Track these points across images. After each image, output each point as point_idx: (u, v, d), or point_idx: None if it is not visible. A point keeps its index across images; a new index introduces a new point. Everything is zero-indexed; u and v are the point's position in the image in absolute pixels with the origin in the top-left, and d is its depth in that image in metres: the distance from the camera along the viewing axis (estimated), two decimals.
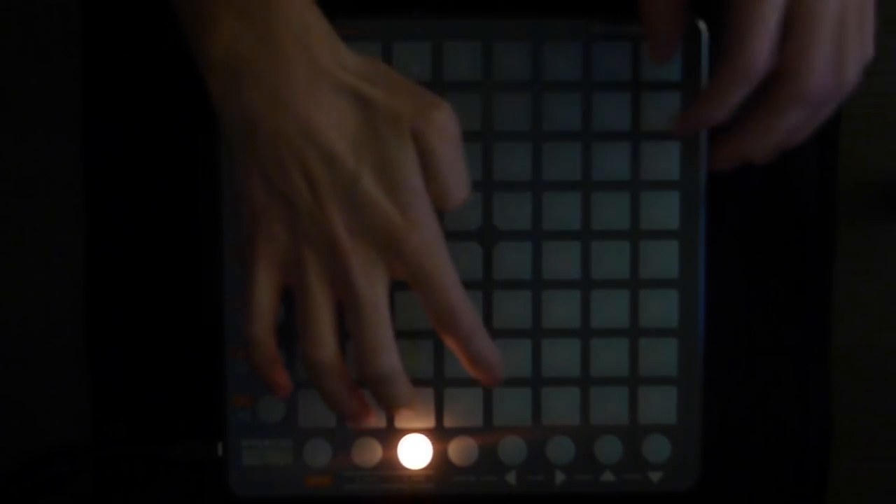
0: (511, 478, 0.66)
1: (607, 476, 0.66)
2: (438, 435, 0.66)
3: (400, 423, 0.65)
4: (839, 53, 0.56)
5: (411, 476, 0.66)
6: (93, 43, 0.67)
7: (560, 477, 0.66)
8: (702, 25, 0.63)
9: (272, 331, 0.57)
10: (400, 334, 0.64)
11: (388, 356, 0.56)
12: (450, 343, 0.58)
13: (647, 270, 0.65)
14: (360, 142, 0.54)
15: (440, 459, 0.66)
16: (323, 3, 0.59)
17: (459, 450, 0.66)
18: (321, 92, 0.53)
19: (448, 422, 0.66)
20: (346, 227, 0.54)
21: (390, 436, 0.65)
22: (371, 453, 0.65)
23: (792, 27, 0.55)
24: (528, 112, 0.64)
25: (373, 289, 0.55)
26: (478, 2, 0.65)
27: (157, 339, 0.68)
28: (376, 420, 0.62)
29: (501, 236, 0.65)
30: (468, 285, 0.64)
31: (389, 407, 0.58)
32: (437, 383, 0.65)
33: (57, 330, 0.71)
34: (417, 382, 0.65)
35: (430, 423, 0.66)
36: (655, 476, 0.66)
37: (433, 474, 0.66)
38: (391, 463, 0.66)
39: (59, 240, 0.71)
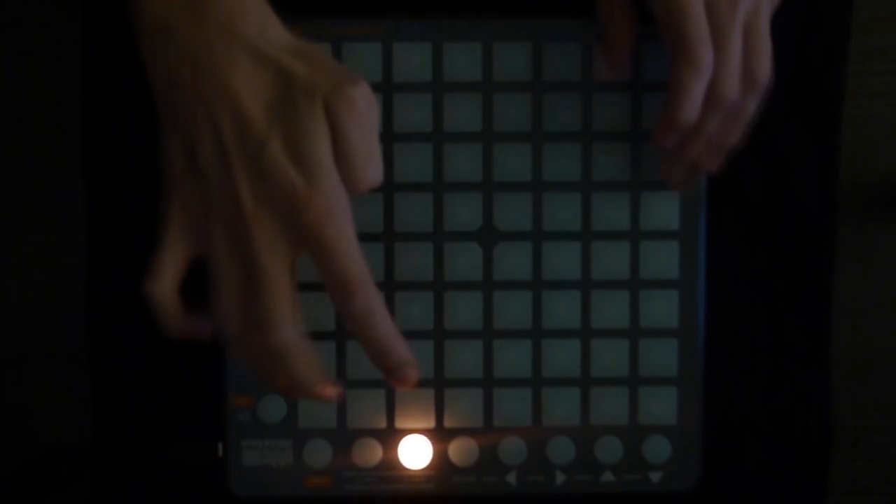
0: (511, 478, 0.66)
1: (607, 476, 0.66)
2: (439, 435, 0.66)
3: (401, 423, 0.65)
4: (749, 58, 0.59)
5: (412, 476, 0.66)
6: (93, 43, 0.67)
7: (560, 477, 0.66)
8: None
9: (174, 290, 0.58)
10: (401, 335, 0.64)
11: (285, 330, 0.55)
12: (350, 326, 0.57)
13: (648, 271, 0.65)
14: (273, 110, 0.55)
15: (440, 460, 0.66)
16: (324, 4, 0.59)
17: (460, 450, 0.66)
18: (242, 60, 0.55)
19: (448, 422, 0.66)
20: (252, 194, 0.55)
21: (391, 436, 0.65)
22: (371, 453, 0.66)
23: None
24: (528, 112, 0.64)
25: (273, 260, 0.55)
26: (478, 2, 0.65)
27: (157, 339, 0.67)
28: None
29: (501, 237, 0.65)
30: (469, 286, 0.65)
31: (292, 384, 0.57)
32: (438, 384, 0.65)
33: (57, 330, 0.71)
34: (418, 382, 0.65)
35: (430, 423, 0.66)
36: (655, 476, 0.66)
37: (433, 475, 0.66)
38: (391, 463, 0.66)
39: (59, 240, 0.71)
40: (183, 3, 0.55)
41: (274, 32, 0.56)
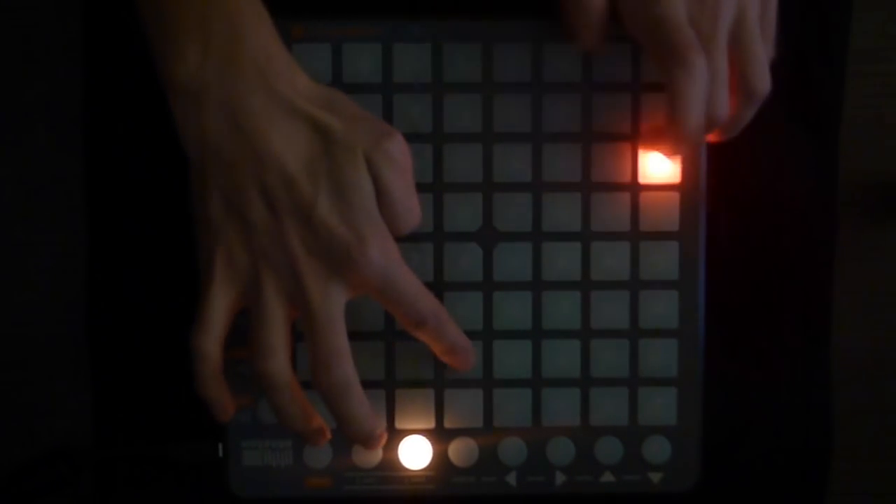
0: (511, 479, 0.66)
1: (607, 477, 0.66)
2: (439, 436, 0.66)
3: (401, 423, 0.65)
4: (742, 69, 0.58)
5: (411, 477, 0.66)
6: (94, 43, 0.67)
7: (560, 478, 0.66)
8: None
9: (220, 345, 0.59)
10: (400, 336, 0.64)
11: (341, 367, 0.58)
12: (421, 338, 0.61)
13: (647, 271, 0.65)
14: (316, 167, 0.56)
15: (440, 460, 0.66)
16: (324, 4, 0.59)
17: (460, 451, 0.66)
18: (279, 119, 0.56)
19: (448, 423, 0.66)
20: (303, 245, 0.56)
21: (391, 436, 0.65)
22: (371, 454, 0.65)
23: None
24: (528, 112, 0.64)
25: (327, 302, 0.57)
26: (478, 2, 0.65)
27: (157, 340, 0.68)
28: (326, 438, 0.62)
29: (501, 237, 0.65)
30: (468, 287, 0.65)
31: (345, 422, 0.59)
32: (438, 384, 0.65)
33: (57, 330, 0.71)
34: (418, 384, 0.65)
35: (430, 423, 0.66)
36: (655, 477, 0.66)
37: (433, 475, 0.66)
38: (391, 464, 0.66)
39: (59, 240, 0.71)
40: (217, 63, 0.55)
41: (301, 82, 0.57)
